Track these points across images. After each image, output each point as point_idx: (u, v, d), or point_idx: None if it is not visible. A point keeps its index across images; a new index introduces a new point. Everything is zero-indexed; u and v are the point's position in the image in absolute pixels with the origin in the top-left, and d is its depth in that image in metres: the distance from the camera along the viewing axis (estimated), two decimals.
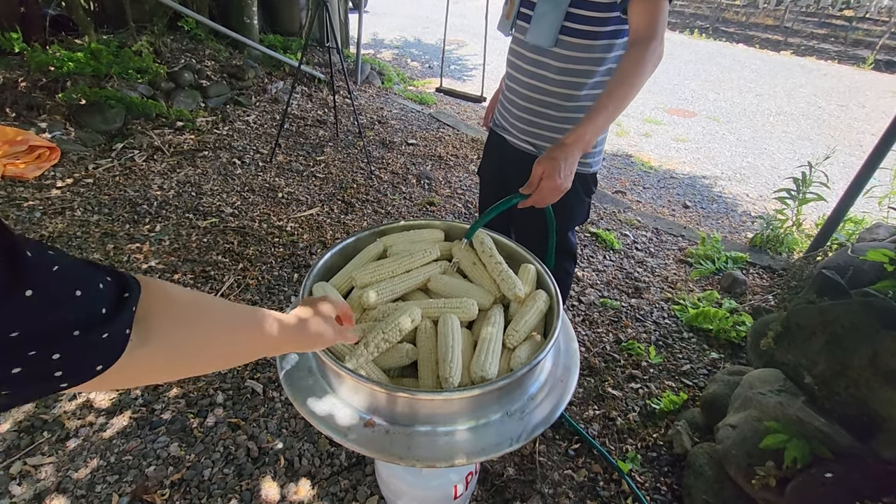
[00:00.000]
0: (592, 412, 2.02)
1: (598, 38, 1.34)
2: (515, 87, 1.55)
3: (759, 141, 5.45)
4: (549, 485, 1.73)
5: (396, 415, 0.92)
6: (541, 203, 1.19)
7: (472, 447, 0.90)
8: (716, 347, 2.40)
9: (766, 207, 3.94)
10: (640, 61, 1.18)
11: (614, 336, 2.43)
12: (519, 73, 1.52)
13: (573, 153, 1.15)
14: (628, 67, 1.19)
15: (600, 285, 2.81)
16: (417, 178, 3.79)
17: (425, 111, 5.21)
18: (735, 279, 2.81)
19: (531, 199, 1.18)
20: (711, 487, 1.59)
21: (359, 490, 1.66)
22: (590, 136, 1.18)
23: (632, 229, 3.41)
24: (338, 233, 3.04)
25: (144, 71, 4.08)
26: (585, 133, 1.16)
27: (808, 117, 6.29)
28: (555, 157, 1.14)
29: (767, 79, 8.02)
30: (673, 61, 8.69)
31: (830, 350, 1.43)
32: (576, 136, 1.16)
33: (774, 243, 3.21)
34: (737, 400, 1.73)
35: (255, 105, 4.67)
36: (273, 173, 3.63)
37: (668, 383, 2.17)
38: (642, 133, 5.45)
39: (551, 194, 1.16)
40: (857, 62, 9.40)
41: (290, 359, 1.06)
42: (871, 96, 7.37)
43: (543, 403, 1.00)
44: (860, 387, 1.34)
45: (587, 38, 1.34)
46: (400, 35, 9.14)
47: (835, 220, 2.74)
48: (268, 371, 2.08)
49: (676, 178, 4.47)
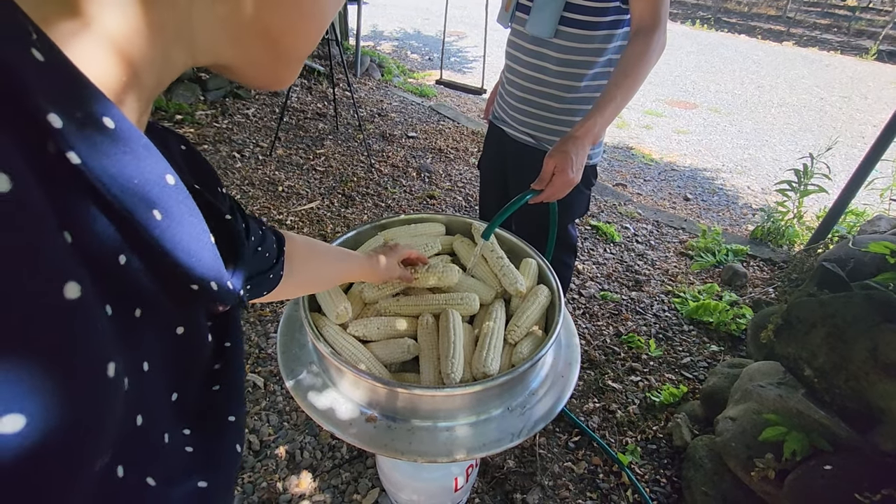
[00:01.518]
0: (592, 405, 2.03)
1: (597, 29, 1.33)
2: (515, 80, 1.54)
3: (760, 133, 5.42)
4: (549, 477, 1.74)
5: (397, 410, 0.93)
6: (553, 198, 1.17)
7: (474, 442, 0.90)
8: (716, 340, 2.40)
9: (767, 200, 3.93)
10: (644, 51, 1.18)
11: (614, 329, 2.44)
12: (518, 64, 1.50)
13: (584, 145, 1.14)
14: (633, 57, 1.18)
15: (601, 278, 2.81)
16: (418, 172, 3.78)
17: (425, 104, 5.18)
18: (735, 272, 2.81)
19: (543, 194, 1.16)
20: (711, 480, 1.60)
21: (360, 482, 1.67)
22: (599, 127, 1.17)
23: (632, 222, 3.41)
24: (338, 226, 3.04)
25: None
26: (595, 125, 1.16)
27: (809, 109, 6.26)
28: (566, 151, 1.12)
29: (769, 70, 7.96)
30: (674, 52, 8.63)
31: (831, 343, 1.43)
32: (585, 128, 1.15)
33: (775, 236, 3.20)
34: (736, 392, 1.73)
35: (254, 98, 4.64)
36: (273, 167, 3.62)
37: (667, 376, 2.18)
38: (643, 125, 5.42)
39: (564, 188, 1.15)
40: (859, 53, 9.34)
41: (292, 354, 1.07)
42: (874, 87, 7.33)
43: (545, 399, 1.00)
44: (860, 379, 1.34)
45: (587, 28, 1.33)
46: (399, 27, 9.07)
47: (836, 212, 2.73)
48: (269, 365, 2.09)
49: (677, 170, 4.46)
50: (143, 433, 0.29)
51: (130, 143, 0.25)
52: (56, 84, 0.22)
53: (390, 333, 1.08)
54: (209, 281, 0.32)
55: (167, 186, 0.28)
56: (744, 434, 1.54)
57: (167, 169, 0.28)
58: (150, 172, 0.27)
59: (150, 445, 0.31)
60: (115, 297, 0.26)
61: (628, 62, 1.18)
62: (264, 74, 0.40)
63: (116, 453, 0.26)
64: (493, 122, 1.75)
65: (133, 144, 0.26)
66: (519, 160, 1.63)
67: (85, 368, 0.22)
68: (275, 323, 2.29)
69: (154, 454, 0.31)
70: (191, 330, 0.35)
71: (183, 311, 0.34)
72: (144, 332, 0.30)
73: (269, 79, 0.41)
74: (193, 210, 0.30)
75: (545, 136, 1.54)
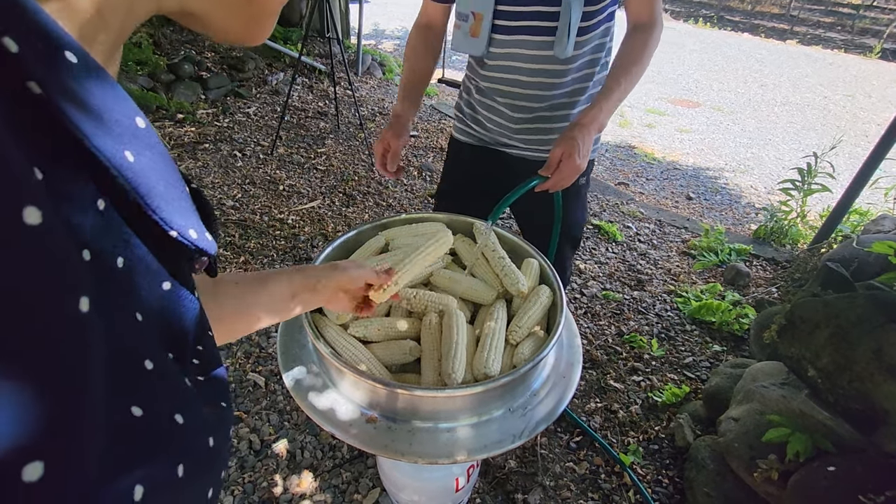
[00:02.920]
0: (594, 405, 2.02)
1: (596, 28, 1.30)
2: (515, 103, 1.41)
3: (763, 132, 5.40)
4: (550, 477, 1.73)
5: (398, 411, 0.92)
6: (559, 185, 1.18)
7: (475, 444, 0.90)
8: (718, 340, 2.39)
9: (771, 199, 3.92)
10: (645, 44, 1.22)
11: (616, 329, 2.43)
12: (517, 87, 1.38)
13: (590, 132, 1.15)
14: (635, 49, 1.21)
15: (603, 277, 2.80)
16: (419, 170, 3.77)
17: (427, 102, 5.17)
18: (738, 271, 2.79)
19: (550, 181, 1.17)
20: (713, 480, 1.59)
21: (361, 482, 1.67)
22: (604, 115, 1.18)
23: (634, 221, 3.40)
24: (339, 225, 3.04)
25: (144, 62, 4.05)
26: (600, 112, 1.17)
27: (813, 107, 6.23)
28: (573, 137, 1.13)
29: (773, 68, 7.93)
30: (677, 51, 8.60)
31: (835, 343, 1.42)
32: (591, 116, 1.16)
33: (778, 235, 3.19)
34: (739, 393, 1.73)
35: (255, 97, 4.64)
36: (274, 165, 3.62)
37: (670, 376, 2.17)
38: (646, 124, 5.40)
39: (571, 175, 1.16)
40: (863, 51, 9.30)
41: (292, 354, 1.06)
42: (878, 86, 7.30)
43: (546, 400, 0.99)
44: (864, 380, 1.33)
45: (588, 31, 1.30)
46: (401, 25, 9.06)
47: (840, 211, 2.72)
48: (269, 364, 2.08)
49: (680, 169, 4.44)
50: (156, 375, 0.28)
51: (97, 80, 0.24)
52: (10, 12, 0.21)
53: (391, 334, 1.07)
54: (187, 228, 0.31)
55: (138, 129, 0.27)
56: (747, 435, 1.53)
57: (137, 112, 0.27)
58: (119, 112, 0.26)
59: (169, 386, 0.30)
60: (94, 243, 0.26)
61: (630, 54, 1.21)
62: (234, 25, 0.38)
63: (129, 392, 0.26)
64: (487, 148, 1.57)
65: (99, 81, 0.25)
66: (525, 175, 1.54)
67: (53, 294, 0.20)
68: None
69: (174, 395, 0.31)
70: (177, 288, 0.34)
71: (167, 265, 0.33)
72: (131, 282, 0.29)
73: (238, 31, 0.39)
74: (166, 156, 0.29)
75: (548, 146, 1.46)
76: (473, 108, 1.53)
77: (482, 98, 1.48)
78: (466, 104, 1.56)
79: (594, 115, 1.16)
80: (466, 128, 1.59)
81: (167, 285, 0.33)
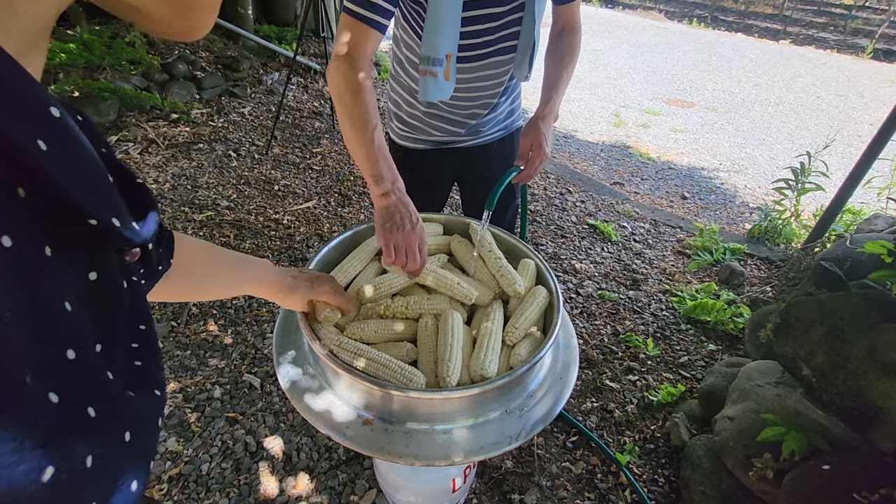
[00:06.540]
0: (590, 404, 2.02)
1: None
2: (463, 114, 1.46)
3: (757, 131, 5.43)
4: (547, 477, 1.73)
5: (394, 413, 0.92)
6: (533, 174, 1.26)
7: (471, 445, 0.89)
8: (714, 339, 2.40)
9: (765, 198, 3.94)
10: (576, 45, 1.38)
11: (612, 328, 2.43)
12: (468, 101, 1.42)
13: (550, 123, 1.28)
14: (572, 47, 1.37)
15: (598, 277, 2.80)
16: None
17: None
18: (733, 270, 2.81)
19: (524, 172, 1.25)
20: (709, 479, 1.60)
21: (357, 484, 1.66)
22: (558, 106, 1.31)
23: (630, 221, 3.40)
24: (335, 226, 3.03)
25: (138, 62, 4.02)
26: (555, 104, 1.30)
27: (806, 107, 6.27)
28: (539, 128, 1.24)
29: (766, 68, 7.98)
30: (671, 51, 8.64)
31: (829, 342, 1.43)
32: (549, 108, 1.28)
33: (773, 234, 3.20)
34: (734, 392, 1.73)
35: (250, 96, 4.62)
36: (269, 166, 3.60)
37: (665, 375, 2.18)
38: (640, 124, 5.42)
39: (541, 164, 1.25)
40: (856, 51, 9.36)
41: (288, 355, 1.06)
42: (870, 86, 7.35)
43: (543, 401, 0.99)
44: (858, 379, 1.34)
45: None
46: None
47: (833, 210, 2.74)
48: (265, 365, 2.07)
49: (675, 168, 4.45)
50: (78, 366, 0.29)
51: (4, 71, 0.25)
52: None
53: (388, 336, 1.07)
54: (109, 217, 0.31)
55: (52, 118, 0.27)
56: (742, 433, 1.53)
57: (51, 101, 0.27)
58: (30, 103, 0.26)
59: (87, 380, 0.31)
60: (17, 230, 0.26)
61: (567, 51, 1.36)
62: (168, 16, 0.38)
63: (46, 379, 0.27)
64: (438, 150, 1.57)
65: (7, 72, 0.25)
66: (484, 157, 1.59)
67: None
68: (271, 323, 2.28)
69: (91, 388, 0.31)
70: (104, 278, 0.35)
71: (94, 255, 0.34)
72: (59, 271, 0.30)
73: (179, 23, 0.38)
74: (84, 144, 0.30)
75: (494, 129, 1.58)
76: (419, 119, 1.50)
77: (426, 113, 1.47)
78: (409, 115, 1.52)
79: (551, 108, 1.28)
80: (411, 133, 1.55)
81: (93, 275, 0.34)
